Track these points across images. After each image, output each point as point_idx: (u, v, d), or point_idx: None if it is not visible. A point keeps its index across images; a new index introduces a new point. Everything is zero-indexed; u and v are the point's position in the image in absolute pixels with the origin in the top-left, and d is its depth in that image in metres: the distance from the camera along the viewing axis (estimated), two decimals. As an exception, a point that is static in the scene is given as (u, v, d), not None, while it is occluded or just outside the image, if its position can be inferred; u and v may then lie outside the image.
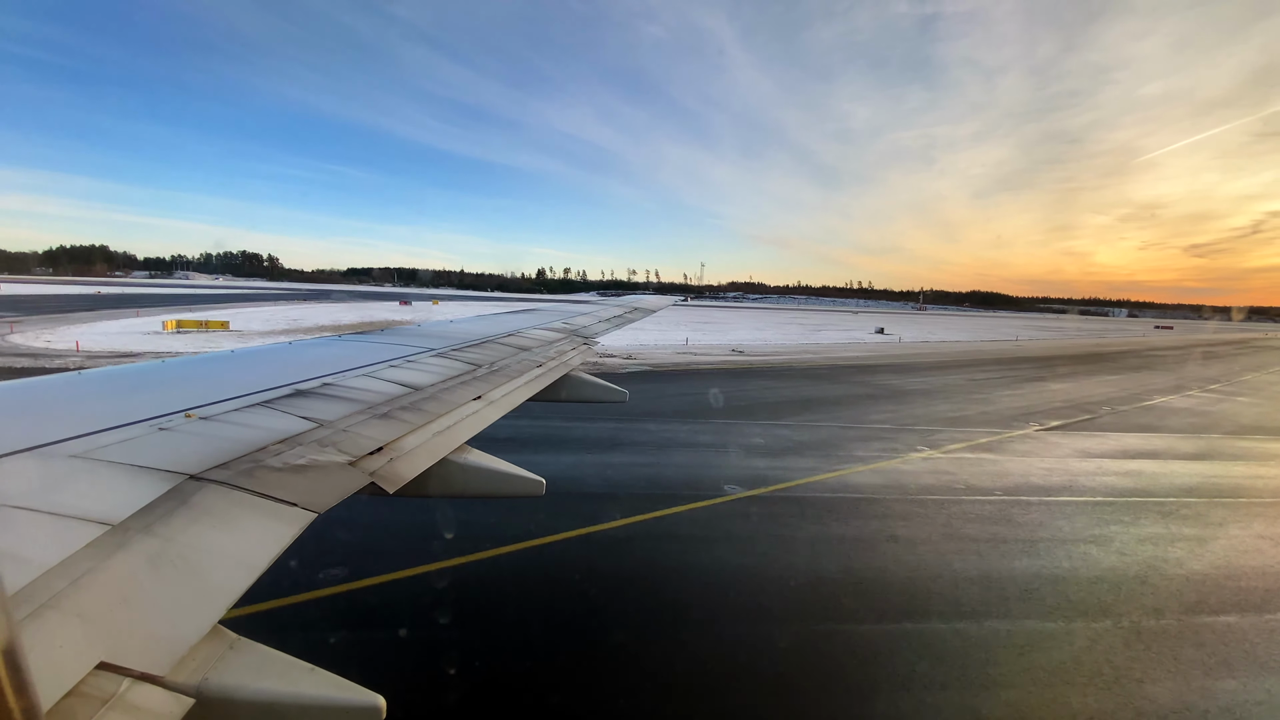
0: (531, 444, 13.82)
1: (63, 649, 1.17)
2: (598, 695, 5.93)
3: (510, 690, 5.93)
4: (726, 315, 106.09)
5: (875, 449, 15.28)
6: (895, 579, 8.36)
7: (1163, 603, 8.07)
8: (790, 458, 14.11)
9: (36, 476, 1.80)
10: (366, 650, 6.40)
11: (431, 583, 7.72)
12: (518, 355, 5.23)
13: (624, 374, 27.22)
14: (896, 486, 12.37)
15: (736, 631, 7.02)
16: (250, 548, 1.69)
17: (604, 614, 7.32)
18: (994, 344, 59.21)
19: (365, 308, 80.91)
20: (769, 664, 6.47)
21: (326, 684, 1.43)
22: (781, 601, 7.70)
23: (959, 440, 16.73)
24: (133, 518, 1.63)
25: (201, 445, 2.20)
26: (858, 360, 37.80)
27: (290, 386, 3.14)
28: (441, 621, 6.94)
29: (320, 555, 8.00)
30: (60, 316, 48.52)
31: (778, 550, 9.13)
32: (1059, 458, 15.31)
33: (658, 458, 13.51)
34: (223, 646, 1.40)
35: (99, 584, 1.36)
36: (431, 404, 3.31)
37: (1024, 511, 11.23)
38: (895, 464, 14.05)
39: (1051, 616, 7.58)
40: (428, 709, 5.64)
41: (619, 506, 10.39)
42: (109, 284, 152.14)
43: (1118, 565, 9.12)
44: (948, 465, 14.15)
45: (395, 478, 2.38)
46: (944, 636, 7.05)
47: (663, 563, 8.64)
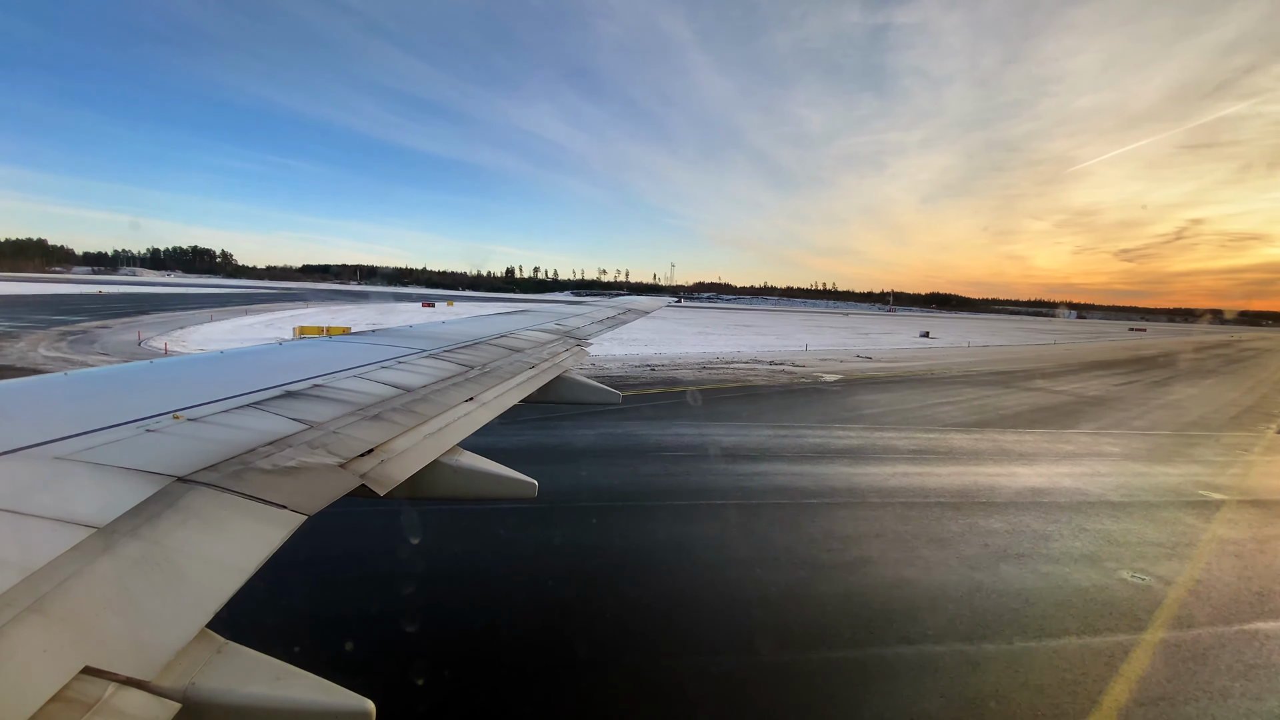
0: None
1: (47, 653, 1.16)
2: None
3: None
4: (739, 318, 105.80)
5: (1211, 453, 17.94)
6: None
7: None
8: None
9: (21, 478, 1.77)
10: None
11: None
12: (510, 357, 5.22)
13: (833, 381, 28.92)
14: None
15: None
16: (239, 551, 1.67)
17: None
18: (1037, 348, 61.20)
19: (397, 309, 79.13)
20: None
21: (315, 688, 1.42)
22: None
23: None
24: (119, 520, 1.61)
25: (190, 447, 2.18)
26: (982, 365, 39.71)
27: (280, 388, 3.12)
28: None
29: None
30: (133, 320, 46.85)
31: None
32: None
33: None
34: (210, 651, 1.39)
35: (84, 587, 1.34)
36: (423, 405, 3.30)
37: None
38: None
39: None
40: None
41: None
42: (64, 281, 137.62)
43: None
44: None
45: (386, 480, 2.37)
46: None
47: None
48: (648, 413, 19.55)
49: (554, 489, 11.68)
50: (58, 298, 69.91)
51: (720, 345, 45.63)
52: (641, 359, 33.15)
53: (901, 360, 41.30)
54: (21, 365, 24.29)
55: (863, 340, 59.60)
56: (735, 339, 53.46)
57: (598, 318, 9.41)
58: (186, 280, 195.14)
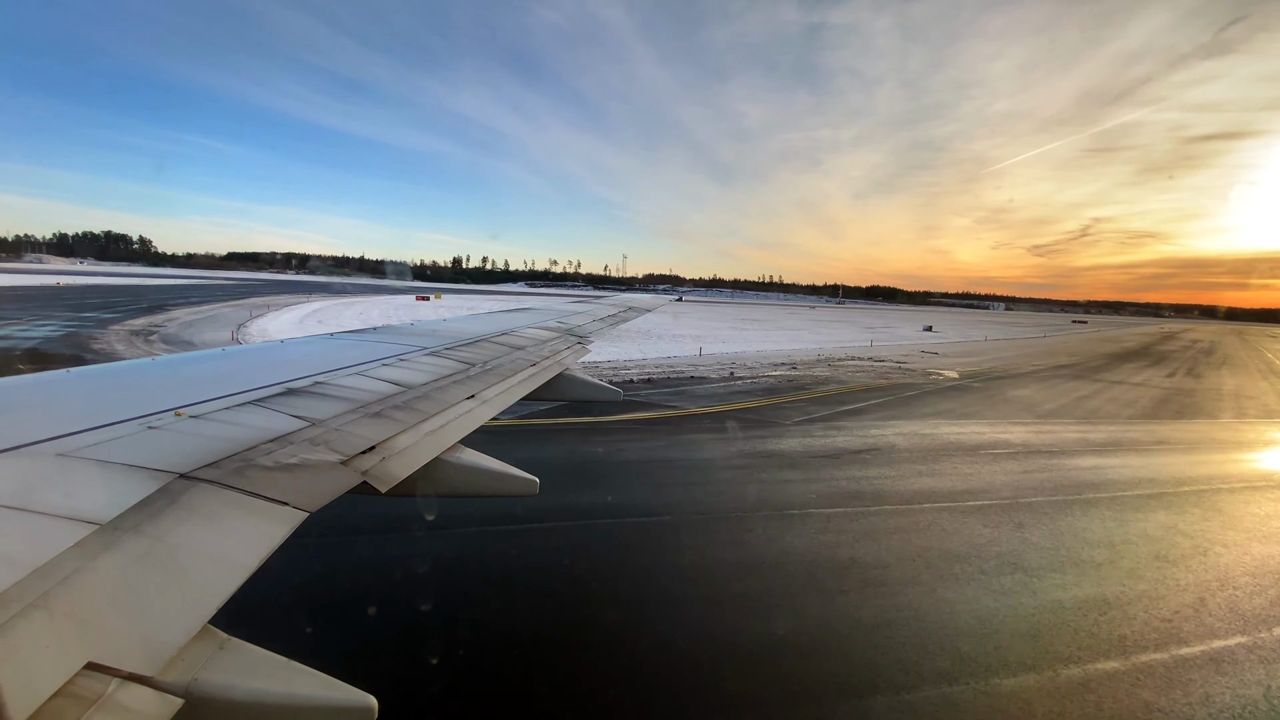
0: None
1: (50, 649, 1.16)
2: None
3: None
4: (739, 311, 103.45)
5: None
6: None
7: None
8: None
9: (22, 476, 1.78)
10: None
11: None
12: (511, 354, 5.22)
13: (962, 378, 28.43)
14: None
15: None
16: (240, 547, 1.68)
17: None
18: (1039, 342, 61.26)
19: (391, 303, 75.40)
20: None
21: (318, 684, 1.42)
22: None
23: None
24: (121, 517, 1.62)
25: (191, 444, 2.18)
26: (1030, 360, 39.60)
27: (282, 385, 3.12)
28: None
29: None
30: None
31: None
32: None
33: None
34: (213, 647, 1.39)
35: (87, 584, 1.35)
36: (424, 403, 3.30)
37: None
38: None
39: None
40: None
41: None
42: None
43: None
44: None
45: (387, 477, 2.38)
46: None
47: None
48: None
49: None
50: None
51: (767, 343, 43.64)
52: (717, 360, 31.06)
53: (973, 354, 41.35)
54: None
55: (883, 335, 58.62)
56: (770, 334, 52.08)
57: (600, 315, 9.41)
58: (109, 269, 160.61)
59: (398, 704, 4.71)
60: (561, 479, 11.07)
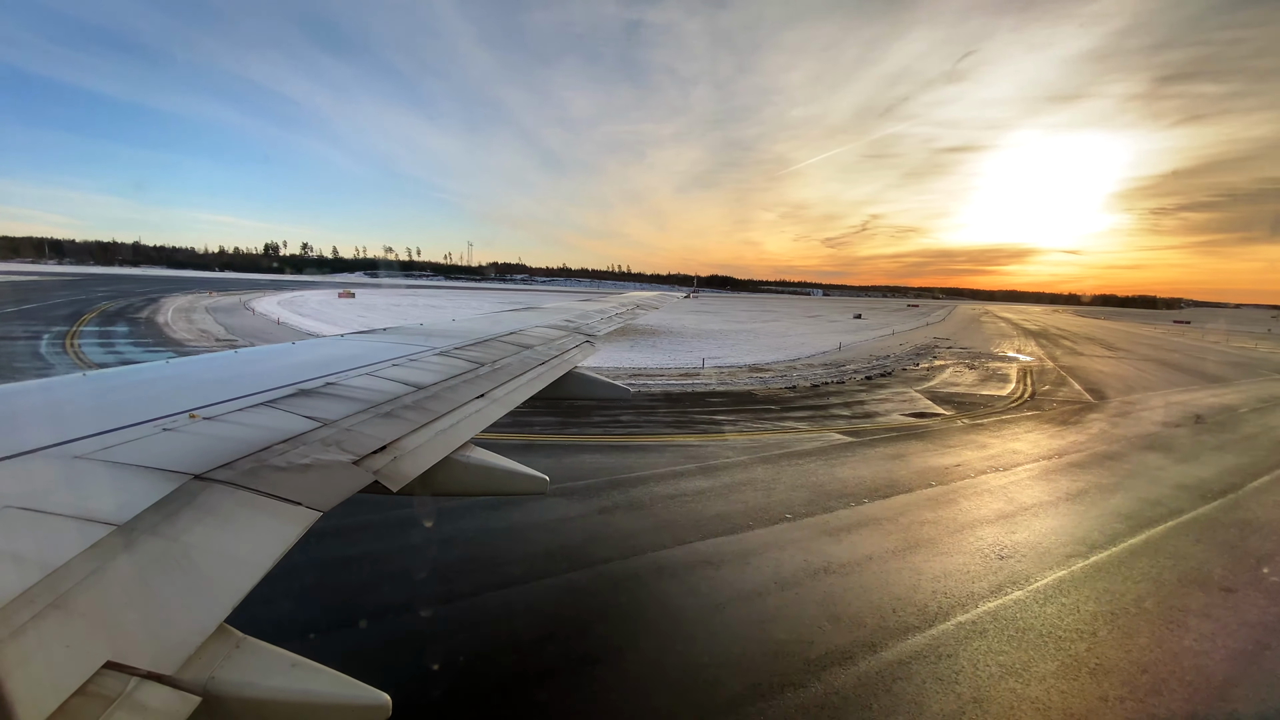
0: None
1: (69, 649, 1.17)
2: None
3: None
4: (712, 307, 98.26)
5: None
6: None
7: None
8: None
9: (41, 478, 1.80)
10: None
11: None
12: (520, 354, 5.23)
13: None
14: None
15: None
16: (255, 547, 1.69)
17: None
18: (931, 327, 57.37)
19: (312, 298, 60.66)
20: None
21: (333, 682, 1.43)
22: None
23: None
24: (138, 518, 1.63)
25: (206, 445, 2.20)
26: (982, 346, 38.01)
27: (294, 386, 3.14)
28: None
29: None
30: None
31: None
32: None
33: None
34: (229, 645, 1.40)
35: (105, 584, 1.36)
36: (434, 402, 3.31)
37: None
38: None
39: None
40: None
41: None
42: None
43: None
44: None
45: (399, 476, 2.39)
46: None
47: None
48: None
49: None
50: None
51: (740, 348, 34.67)
52: (794, 362, 25.83)
53: (977, 339, 40.78)
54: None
55: (829, 329, 51.25)
56: (728, 330, 44.77)
57: (609, 313, 9.42)
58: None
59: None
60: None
